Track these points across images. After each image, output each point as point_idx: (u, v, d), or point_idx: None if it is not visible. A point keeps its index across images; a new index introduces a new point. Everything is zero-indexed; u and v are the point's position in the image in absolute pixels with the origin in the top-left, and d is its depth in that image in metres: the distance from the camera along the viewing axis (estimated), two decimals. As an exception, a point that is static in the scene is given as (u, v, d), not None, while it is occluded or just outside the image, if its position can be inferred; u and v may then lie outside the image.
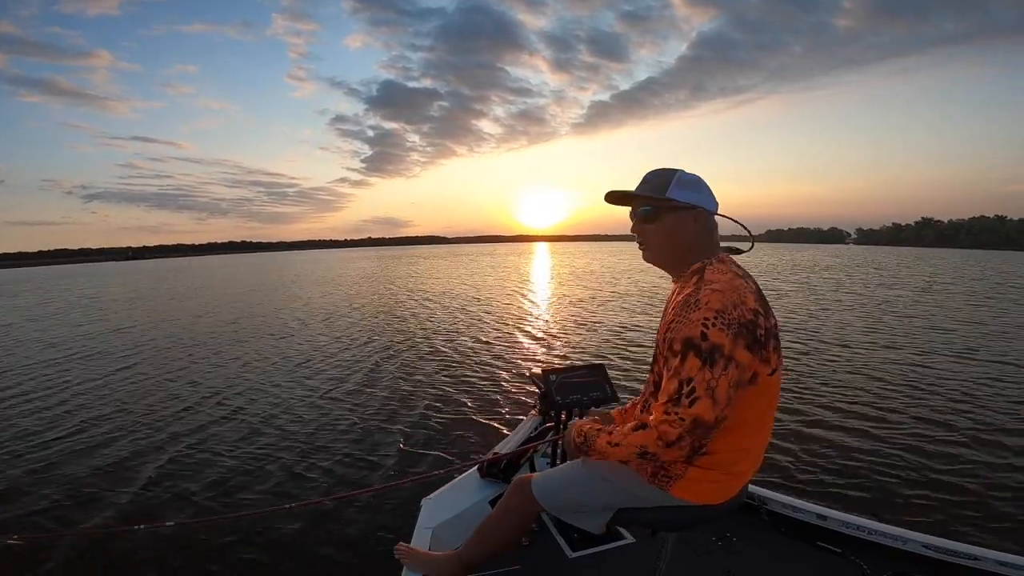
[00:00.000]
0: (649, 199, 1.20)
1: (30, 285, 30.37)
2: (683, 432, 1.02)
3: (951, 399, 4.75)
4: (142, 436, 4.14)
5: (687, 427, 1.02)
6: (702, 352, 1.01)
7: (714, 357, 1.01)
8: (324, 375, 6.01)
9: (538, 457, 2.15)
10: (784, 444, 3.64)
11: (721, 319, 1.02)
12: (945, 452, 3.54)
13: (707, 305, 1.03)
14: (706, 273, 1.13)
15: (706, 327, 1.02)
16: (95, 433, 4.28)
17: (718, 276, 1.10)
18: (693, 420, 1.01)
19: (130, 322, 11.29)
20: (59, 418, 4.71)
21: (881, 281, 17.81)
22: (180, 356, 7.36)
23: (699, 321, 1.03)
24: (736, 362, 1.02)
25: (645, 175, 1.22)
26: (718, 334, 1.01)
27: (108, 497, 3.16)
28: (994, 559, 1.50)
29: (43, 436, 4.23)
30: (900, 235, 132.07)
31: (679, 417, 1.02)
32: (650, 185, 1.20)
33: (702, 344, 1.01)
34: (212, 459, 3.66)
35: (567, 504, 1.32)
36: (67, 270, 61.64)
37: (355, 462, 3.56)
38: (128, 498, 3.14)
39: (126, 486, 3.29)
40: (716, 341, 1.01)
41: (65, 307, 15.24)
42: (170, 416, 4.65)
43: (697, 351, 1.02)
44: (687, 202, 1.17)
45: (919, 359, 6.43)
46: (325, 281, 20.99)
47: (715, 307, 1.03)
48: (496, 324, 9.51)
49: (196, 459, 3.66)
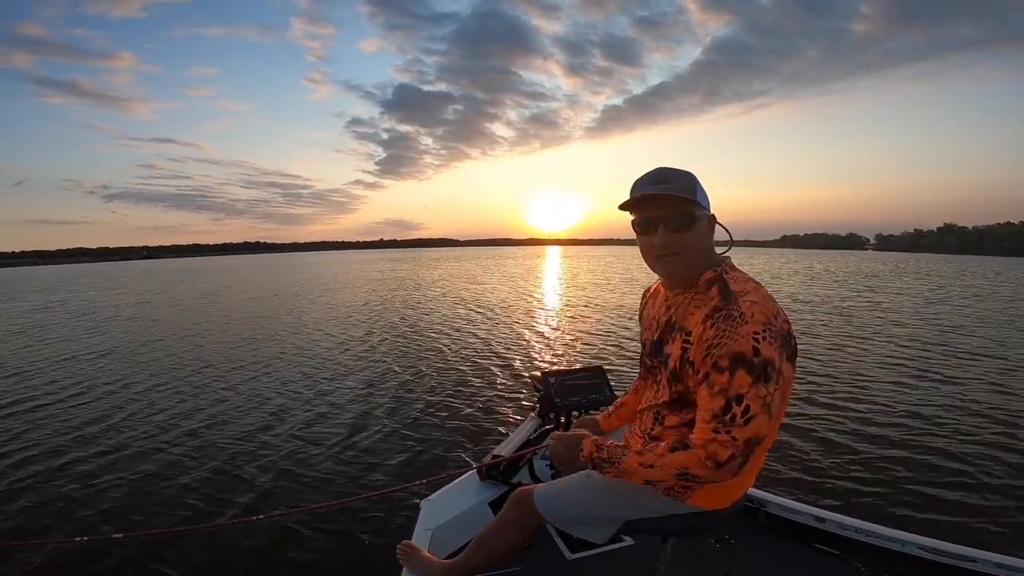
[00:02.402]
0: (689, 202, 1.09)
1: (38, 285, 29.16)
2: (736, 452, 0.97)
3: (950, 401, 4.75)
4: (118, 443, 4.02)
5: (740, 447, 0.97)
6: (754, 368, 0.96)
7: (767, 372, 0.96)
8: (324, 376, 6.02)
9: (537, 459, 2.15)
10: (783, 446, 3.64)
11: (769, 332, 0.98)
12: (944, 453, 3.54)
13: (753, 318, 0.98)
14: (730, 283, 1.07)
15: (757, 341, 0.97)
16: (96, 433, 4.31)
17: (747, 286, 1.06)
18: (748, 439, 0.97)
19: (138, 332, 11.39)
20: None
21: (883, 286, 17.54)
22: (169, 359, 7.30)
23: (749, 335, 0.97)
24: (783, 376, 0.98)
25: (661, 173, 1.12)
26: (768, 348, 0.97)
27: (94, 503, 3.10)
28: (991, 561, 1.49)
29: (41, 435, 4.22)
30: (921, 241, 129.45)
31: (731, 437, 0.97)
32: (677, 185, 1.09)
33: (754, 360, 0.96)
34: (201, 465, 3.59)
35: (571, 517, 1.28)
36: (80, 269, 61.55)
37: (355, 463, 3.57)
38: (109, 505, 3.07)
39: (108, 492, 3.23)
40: (768, 355, 0.97)
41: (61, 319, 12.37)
42: (155, 420, 4.55)
43: (749, 367, 0.96)
44: (704, 207, 1.11)
45: (919, 359, 6.44)
46: (331, 285, 20.67)
47: (761, 320, 0.98)
48: (497, 325, 9.55)
49: (183, 465, 3.58)
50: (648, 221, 1.12)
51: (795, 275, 23.64)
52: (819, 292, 15.43)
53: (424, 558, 1.56)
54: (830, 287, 17.27)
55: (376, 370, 6.32)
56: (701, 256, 1.12)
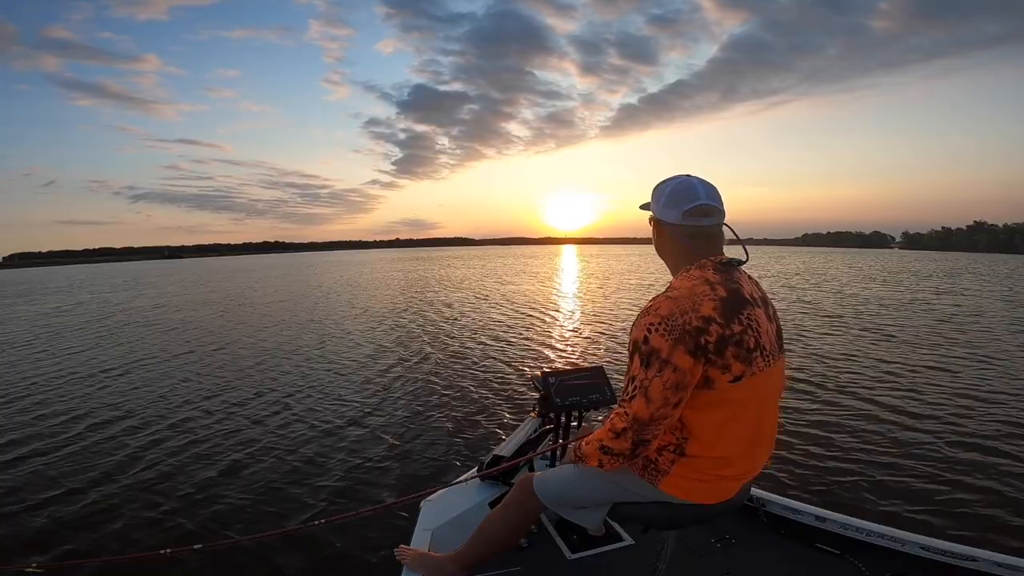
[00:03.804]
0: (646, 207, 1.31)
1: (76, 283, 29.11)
2: (627, 426, 1.12)
3: (951, 400, 4.71)
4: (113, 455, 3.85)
5: (630, 421, 1.11)
6: (643, 354, 1.09)
7: (650, 359, 1.08)
8: (323, 377, 6.03)
9: (537, 460, 2.15)
10: (782, 446, 3.62)
11: (664, 325, 1.07)
12: (944, 454, 3.52)
13: (656, 311, 1.10)
14: (675, 280, 1.19)
15: (649, 331, 1.09)
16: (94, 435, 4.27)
17: (681, 283, 1.15)
18: (634, 416, 1.11)
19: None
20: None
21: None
22: (171, 360, 7.28)
23: (644, 325, 1.10)
24: (674, 366, 1.06)
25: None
26: (658, 339, 1.07)
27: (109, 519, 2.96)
28: (992, 560, 1.48)
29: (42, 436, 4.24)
30: (951, 239, 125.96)
31: (624, 412, 1.13)
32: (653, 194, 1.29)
33: (643, 347, 1.09)
34: (193, 474, 3.50)
35: (566, 500, 1.36)
36: (102, 269, 61.96)
37: (354, 464, 3.57)
38: (123, 522, 2.93)
39: (123, 509, 3.06)
40: (655, 345, 1.07)
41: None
42: (141, 435, 4.27)
43: (640, 353, 1.10)
44: (649, 212, 1.27)
45: (919, 360, 6.37)
46: (338, 287, 20.30)
47: (663, 313, 1.08)
48: (498, 326, 9.56)
49: (175, 480, 3.41)
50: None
51: (844, 275, 22.80)
52: (874, 292, 15.04)
53: (424, 555, 1.58)
54: (882, 286, 16.82)
55: (374, 370, 6.33)
56: (660, 254, 1.28)
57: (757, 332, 1.12)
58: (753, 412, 1.15)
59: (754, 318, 1.13)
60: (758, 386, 1.13)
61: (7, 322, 12.42)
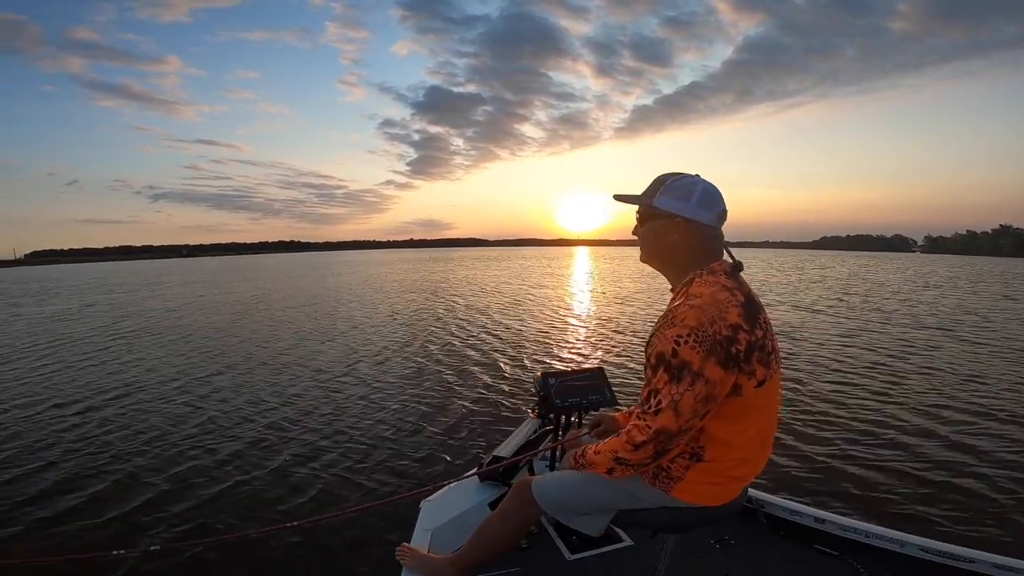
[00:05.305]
0: (636, 201, 1.23)
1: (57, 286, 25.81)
2: (648, 438, 1.08)
3: (949, 401, 4.69)
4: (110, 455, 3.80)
5: (652, 434, 1.08)
6: (671, 367, 1.04)
7: (681, 373, 1.04)
8: (323, 378, 5.99)
9: (536, 460, 2.15)
10: (782, 447, 3.61)
11: (695, 336, 1.03)
12: (944, 455, 3.51)
13: (683, 322, 1.05)
14: (692, 286, 1.13)
15: (678, 344, 1.04)
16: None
17: (702, 290, 1.10)
18: (658, 430, 1.07)
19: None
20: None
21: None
22: (169, 355, 7.37)
23: (672, 338, 1.05)
24: (705, 379, 1.03)
25: (656, 178, 1.22)
26: (689, 351, 1.03)
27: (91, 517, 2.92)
28: (991, 562, 1.48)
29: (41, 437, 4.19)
30: (975, 243, 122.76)
31: (646, 424, 1.08)
32: (646, 189, 1.22)
33: (672, 360, 1.04)
34: (191, 468, 3.52)
35: (567, 506, 1.32)
36: (120, 267, 62.05)
37: (354, 464, 3.57)
38: (105, 521, 2.89)
39: (112, 506, 3.05)
40: (685, 358, 1.03)
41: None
42: (144, 432, 4.27)
43: (667, 366, 1.05)
44: (667, 211, 1.17)
45: (919, 360, 6.37)
46: (344, 288, 19.93)
47: (690, 324, 1.04)
48: (498, 327, 9.54)
49: (180, 480, 3.37)
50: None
51: (895, 280, 22.07)
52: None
53: (423, 556, 1.57)
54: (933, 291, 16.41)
55: (374, 370, 6.31)
56: (658, 254, 1.23)
57: (772, 335, 1.14)
58: (767, 414, 1.16)
59: (768, 321, 1.14)
60: (774, 388, 1.14)
61: (31, 321, 12.77)
